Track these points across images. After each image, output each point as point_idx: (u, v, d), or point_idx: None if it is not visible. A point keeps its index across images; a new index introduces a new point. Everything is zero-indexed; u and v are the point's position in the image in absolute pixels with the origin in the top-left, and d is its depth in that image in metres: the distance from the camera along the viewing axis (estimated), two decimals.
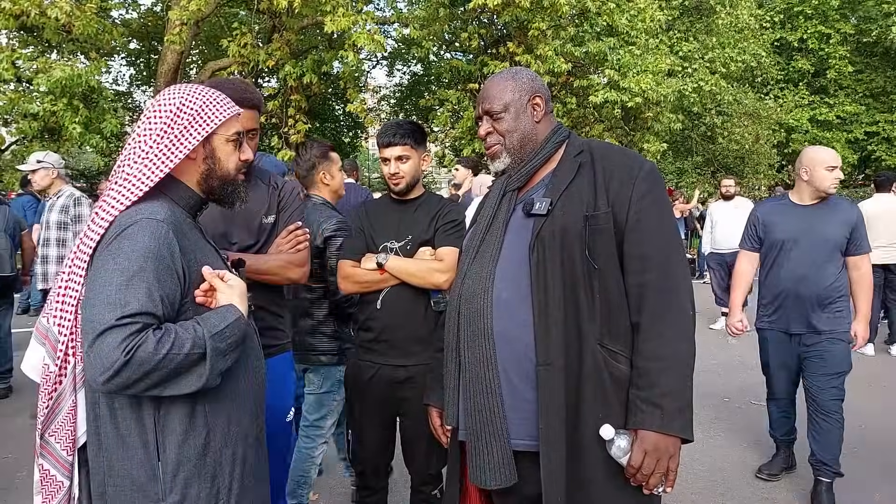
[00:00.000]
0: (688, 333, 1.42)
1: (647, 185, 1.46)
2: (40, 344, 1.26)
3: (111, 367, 1.09)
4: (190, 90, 1.35)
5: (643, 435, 1.37)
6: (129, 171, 1.28)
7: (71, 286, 1.23)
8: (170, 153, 1.30)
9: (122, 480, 1.22)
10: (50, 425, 1.24)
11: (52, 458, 1.25)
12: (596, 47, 10.75)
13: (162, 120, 1.31)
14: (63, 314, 1.22)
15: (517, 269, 1.48)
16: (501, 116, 1.58)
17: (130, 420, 1.22)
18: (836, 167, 2.98)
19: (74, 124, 8.50)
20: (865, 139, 18.38)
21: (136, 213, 1.23)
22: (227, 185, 1.42)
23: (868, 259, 3.02)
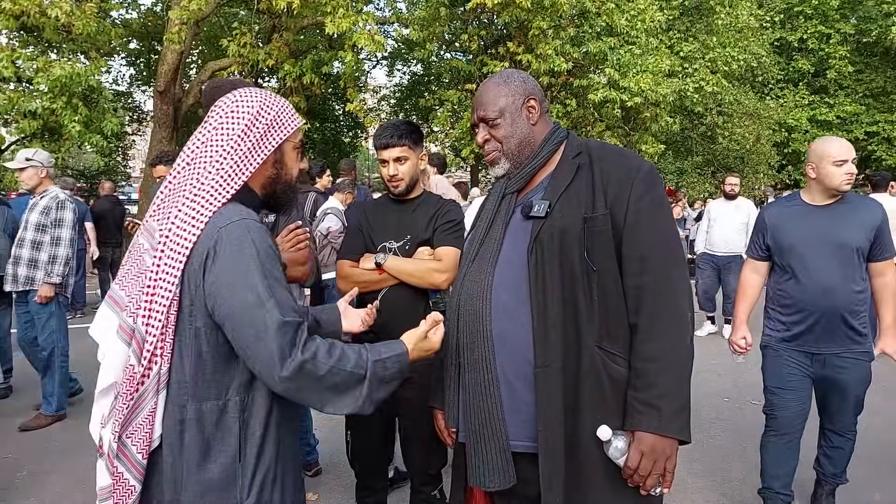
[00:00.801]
0: (686, 335, 1.42)
1: (645, 186, 1.45)
2: (125, 343, 1.22)
3: (294, 363, 1.16)
4: (267, 97, 1.36)
5: (640, 436, 1.37)
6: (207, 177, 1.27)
7: (161, 287, 1.20)
8: (250, 159, 1.31)
9: (201, 485, 1.22)
10: (128, 427, 1.21)
11: (127, 462, 1.22)
12: (596, 47, 10.76)
13: (239, 125, 1.31)
14: (153, 314, 1.20)
15: (516, 271, 1.49)
16: (497, 123, 1.57)
17: (218, 424, 1.23)
18: (845, 161, 2.58)
19: (74, 123, 8.50)
20: (865, 139, 18.38)
21: (231, 214, 1.24)
22: (290, 190, 1.43)
23: (893, 265, 2.63)
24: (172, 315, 1.20)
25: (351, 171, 6.18)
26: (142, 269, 1.24)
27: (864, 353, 2.65)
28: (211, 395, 1.23)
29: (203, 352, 1.22)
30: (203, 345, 1.22)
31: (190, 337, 1.22)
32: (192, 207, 1.24)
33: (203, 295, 1.20)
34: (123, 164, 20.87)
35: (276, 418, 1.29)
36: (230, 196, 1.27)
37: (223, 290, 1.18)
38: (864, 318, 2.62)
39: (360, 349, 1.28)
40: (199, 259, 1.21)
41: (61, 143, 9.59)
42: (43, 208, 4.16)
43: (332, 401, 1.23)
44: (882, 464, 3.56)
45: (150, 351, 1.20)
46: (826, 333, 2.62)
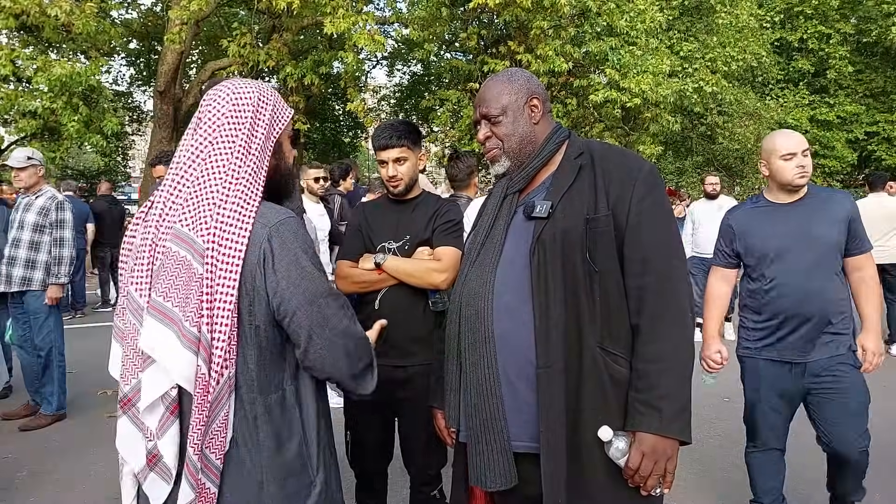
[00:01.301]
0: (687, 336, 1.42)
1: (646, 187, 1.46)
2: (192, 352, 1.20)
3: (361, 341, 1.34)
4: (261, 87, 1.36)
5: (641, 437, 1.37)
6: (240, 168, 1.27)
7: (222, 291, 1.19)
8: (266, 148, 1.32)
9: (281, 471, 1.27)
10: (205, 437, 1.21)
11: (210, 473, 1.22)
12: (596, 47, 10.76)
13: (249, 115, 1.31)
14: (218, 319, 1.19)
15: (518, 271, 1.48)
16: (499, 120, 1.57)
17: (282, 414, 1.28)
18: (794, 154, 2.40)
19: (73, 122, 8.50)
20: (865, 139, 18.38)
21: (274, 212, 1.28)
22: (290, 180, 1.45)
23: (871, 258, 2.47)
24: (234, 319, 1.21)
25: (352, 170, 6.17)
26: (190, 276, 1.20)
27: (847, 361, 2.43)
28: (272, 388, 1.27)
29: (263, 348, 1.25)
30: (263, 341, 1.25)
31: (252, 335, 1.24)
32: (232, 209, 1.23)
33: (265, 295, 1.23)
34: (123, 164, 20.87)
35: (321, 400, 1.38)
36: (262, 190, 1.28)
37: (288, 289, 1.23)
38: (846, 319, 2.44)
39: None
40: (255, 260, 1.22)
41: (61, 143, 9.59)
42: (40, 209, 4.11)
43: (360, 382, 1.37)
44: (882, 464, 3.56)
45: (223, 357, 1.19)
46: (807, 340, 2.42)
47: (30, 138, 10.91)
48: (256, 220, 1.24)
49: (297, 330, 1.25)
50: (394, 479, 2.46)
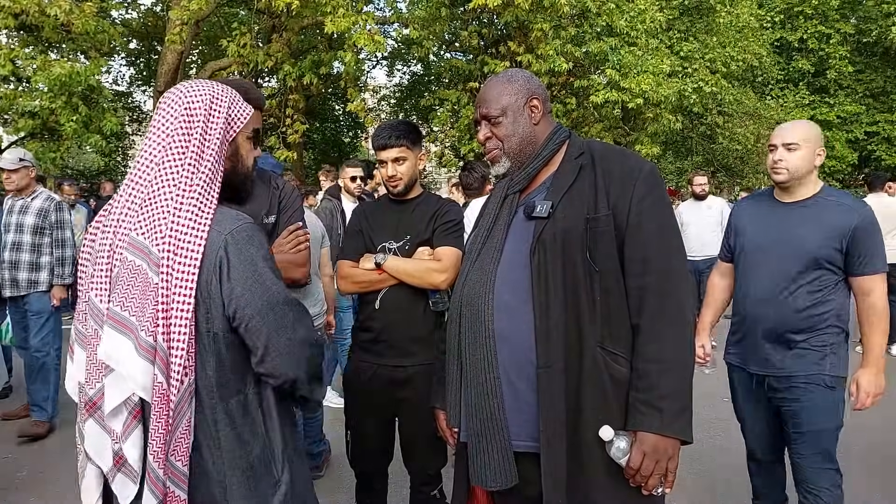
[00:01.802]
0: (687, 336, 1.42)
1: (647, 187, 1.46)
2: (148, 361, 1.20)
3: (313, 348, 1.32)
4: (214, 88, 1.33)
5: (642, 436, 1.37)
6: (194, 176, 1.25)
7: (179, 300, 1.19)
8: (220, 154, 1.31)
9: (245, 473, 1.27)
10: (169, 446, 1.21)
11: (176, 479, 1.22)
12: (596, 47, 10.76)
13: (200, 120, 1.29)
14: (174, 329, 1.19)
15: (518, 271, 1.49)
16: (499, 121, 1.58)
17: (244, 418, 1.28)
18: (775, 146, 2.24)
19: (71, 122, 8.49)
20: (865, 139, 18.38)
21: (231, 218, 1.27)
22: (246, 181, 1.43)
23: (881, 280, 2.15)
24: (192, 326, 1.21)
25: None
26: (146, 286, 1.20)
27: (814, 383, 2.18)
28: (233, 393, 1.27)
29: (222, 355, 1.25)
30: (222, 348, 1.25)
31: (210, 342, 1.24)
32: (187, 218, 1.22)
33: (221, 302, 1.22)
34: (123, 164, 20.85)
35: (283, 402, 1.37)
36: (217, 197, 1.27)
37: (245, 294, 1.23)
38: (822, 338, 2.18)
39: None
40: (211, 268, 1.21)
41: (60, 143, 9.59)
42: (38, 210, 4.08)
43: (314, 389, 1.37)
44: (882, 464, 3.56)
45: (182, 365, 1.20)
46: (765, 349, 2.26)
47: (29, 138, 10.91)
48: (212, 227, 1.23)
49: (253, 337, 1.24)
50: (394, 479, 2.46)
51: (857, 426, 4.09)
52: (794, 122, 2.34)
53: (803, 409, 2.20)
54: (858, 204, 2.22)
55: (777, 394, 2.27)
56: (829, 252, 2.15)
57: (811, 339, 2.19)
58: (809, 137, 2.24)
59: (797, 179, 2.23)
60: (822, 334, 2.19)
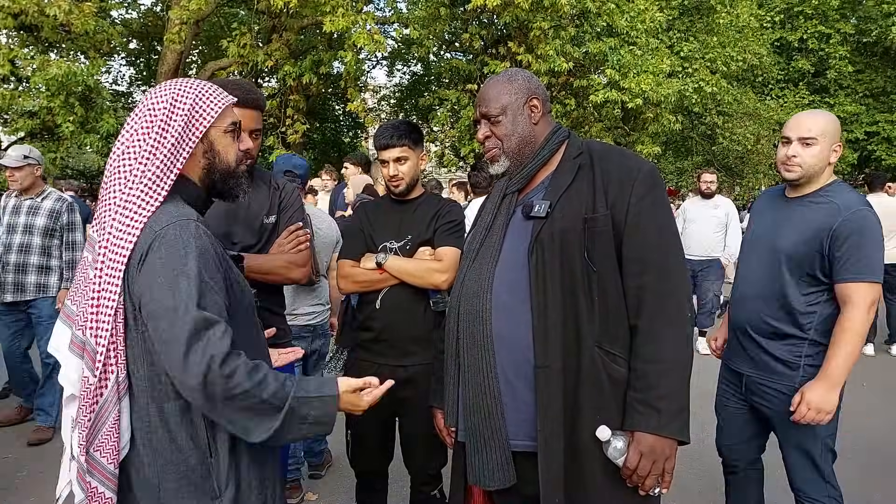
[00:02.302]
0: (685, 336, 1.42)
1: (645, 187, 1.46)
2: (77, 356, 1.23)
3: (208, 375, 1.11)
4: (180, 85, 1.30)
5: (639, 437, 1.38)
6: (138, 175, 1.24)
7: (105, 296, 1.19)
8: (177, 152, 1.27)
9: (178, 482, 1.22)
10: (94, 440, 1.21)
11: (99, 475, 1.22)
12: (596, 47, 10.76)
13: (158, 119, 1.26)
14: (100, 325, 1.19)
15: (516, 271, 1.49)
16: (499, 120, 1.58)
17: (182, 423, 1.23)
18: (789, 140, 2.05)
19: (68, 123, 8.49)
20: (865, 139, 18.39)
21: (166, 216, 1.21)
22: (229, 178, 1.38)
23: (864, 290, 1.91)
24: (120, 324, 1.19)
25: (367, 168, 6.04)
26: (87, 282, 1.23)
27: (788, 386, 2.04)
28: (171, 395, 1.22)
29: (151, 352, 1.21)
30: (152, 348, 1.20)
31: (139, 342, 1.21)
32: (125, 215, 1.21)
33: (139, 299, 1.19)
34: None
35: None
36: (164, 196, 1.24)
37: (146, 291, 1.17)
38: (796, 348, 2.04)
39: (285, 379, 1.22)
40: (135, 265, 1.19)
41: (60, 143, 9.59)
42: (50, 212, 3.90)
43: (241, 424, 1.18)
44: (881, 464, 3.56)
45: (102, 362, 1.19)
46: (742, 350, 2.17)
47: (29, 138, 10.91)
48: (148, 225, 1.20)
49: (154, 337, 1.16)
50: (394, 479, 2.46)
51: (858, 426, 4.10)
52: (813, 112, 2.11)
53: (778, 417, 2.09)
54: (853, 203, 1.98)
55: (753, 396, 2.17)
56: (807, 253, 1.99)
57: (786, 347, 2.05)
58: (828, 132, 2.02)
59: (807, 175, 2.04)
60: (799, 345, 2.03)
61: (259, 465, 1.31)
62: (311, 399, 1.24)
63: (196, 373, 1.11)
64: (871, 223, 1.95)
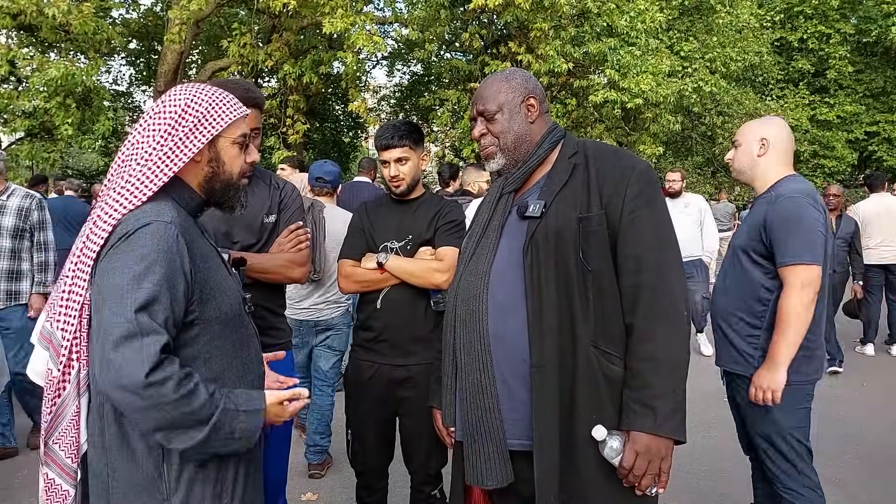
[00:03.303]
0: (681, 335, 1.42)
1: (640, 186, 1.46)
2: (44, 349, 1.23)
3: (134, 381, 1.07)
4: (196, 90, 1.31)
5: (635, 436, 1.37)
6: (132, 173, 1.24)
7: (74, 290, 1.20)
8: (174, 156, 1.26)
9: (126, 483, 1.20)
10: (54, 432, 1.21)
11: (56, 467, 1.22)
12: (596, 48, 10.76)
13: (166, 121, 1.26)
14: (67, 318, 1.19)
15: (512, 271, 1.49)
16: (495, 118, 1.58)
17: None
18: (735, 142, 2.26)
19: (66, 124, 8.49)
20: (866, 139, 18.39)
21: (142, 214, 1.20)
22: (229, 188, 1.38)
23: (796, 272, 2.00)
24: (85, 318, 1.19)
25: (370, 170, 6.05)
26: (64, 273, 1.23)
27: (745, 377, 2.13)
28: None
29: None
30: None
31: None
32: (105, 211, 1.21)
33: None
34: None
35: None
36: (147, 196, 1.23)
37: (99, 282, 1.16)
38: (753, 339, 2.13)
39: (215, 391, 1.18)
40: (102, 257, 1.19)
41: (58, 143, 9.59)
42: (18, 210, 3.55)
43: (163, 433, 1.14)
44: (882, 464, 3.57)
45: (66, 355, 1.18)
46: (717, 344, 2.28)
47: (28, 138, 10.92)
48: (124, 219, 1.20)
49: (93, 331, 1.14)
50: (394, 479, 2.46)
51: (859, 427, 4.10)
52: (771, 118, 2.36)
53: (743, 405, 2.18)
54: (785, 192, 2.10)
55: (728, 388, 2.30)
56: (752, 242, 2.12)
57: (746, 337, 2.14)
58: (747, 131, 2.26)
59: (743, 174, 2.27)
60: (756, 335, 2.12)
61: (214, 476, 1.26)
62: (242, 412, 1.20)
63: (113, 377, 1.07)
64: (799, 207, 2.05)
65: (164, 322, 1.14)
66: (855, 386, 5.04)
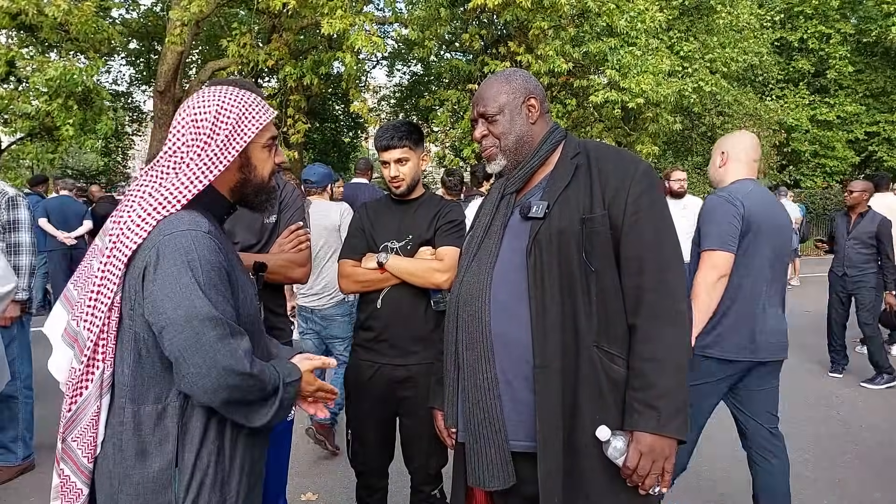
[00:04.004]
0: (684, 335, 1.42)
1: (642, 186, 1.46)
2: (69, 346, 1.23)
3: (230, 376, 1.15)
4: (227, 95, 1.30)
5: (639, 436, 1.37)
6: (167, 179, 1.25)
7: (104, 291, 1.20)
8: (211, 164, 1.27)
9: (137, 488, 1.21)
10: (73, 430, 1.22)
11: (72, 464, 1.23)
12: (596, 47, 10.77)
13: (201, 129, 1.27)
14: (93, 318, 1.19)
15: (515, 271, 1.49)
16: (496, 119, 1.58)
17: (154, 428, 1.22)
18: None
19: (68, 125, 8.49)
20: (866, 139, 18.40)
21: (178, 222, 1.21)
22: (262, 192, 1.39)
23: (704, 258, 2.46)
24: (114, 320, 1.20)
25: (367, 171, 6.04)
26: (91, 272, 1.23)
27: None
28: (150, 399, 1.22)
29: (142, 356, 1.22)
30: (142, 349, 1.21)
31: (130, 340, 1.21)
32: (139, 215, 1.22)
33: (142, 303, 1.19)
34: (123, 164, 20.84)
35: (216, 424, 1.27)
36: (183, 204, 1.24)
37: (163, 302, 1.16)
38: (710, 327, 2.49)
39: (271, 367, 1.27)
40: (140, 266, 1.20)
41: (58, 144, 9.59)
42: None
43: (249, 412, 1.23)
44: (882, 464, 3.57)
45: (89, 355, 1.19)
46: None
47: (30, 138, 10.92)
48: (158, 226, 1.21)
49: (168, 348, 1.17)
50: (394, 479, 2.46)
51: (859, 427, 4.10)
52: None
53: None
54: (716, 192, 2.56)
55: None
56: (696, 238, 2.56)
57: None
58: (715, 146, 2.71)
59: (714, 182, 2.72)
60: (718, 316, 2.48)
61: (220, 485, 1.29)
62: (291, 383, 1.30)
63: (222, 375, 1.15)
64: (715, 202, 2.49)
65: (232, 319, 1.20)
66: (855, 386, 5.04)
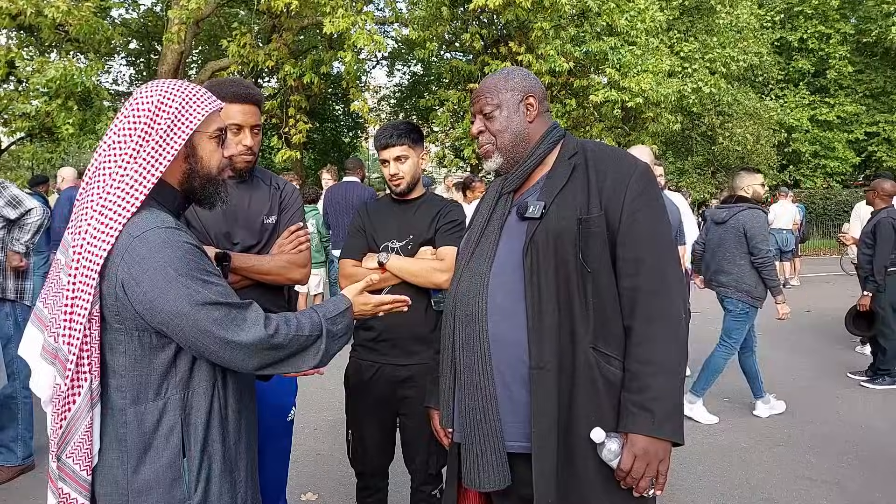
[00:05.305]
0: (680, 337, 1.42)
1: (639, 188, 1.45)
2: (49, 363, 1.22)
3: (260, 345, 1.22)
4: (166, 87, 1.28)
5: (633, 438, 1.37)
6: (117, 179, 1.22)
7: (79, 303, 1.18)
8: (158, 156, 1.24)
9: (147, 484, 1.21)
10: (66, 447, 1.20)
11: (71, 481, 1.21)
12: (596, 47, 10.77)
13: (142, 121, 1.24)
14: (72, 332, 1.18)
15: (511, 272, 1.48)
16: (493, 115, 1.57)
17: (159, 424, 1.23)
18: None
19: (67, 125, 8.49)
20: (866, 139, 18.40)
21: (144, 223, 1.20)
22: (209, 184, 1.36)
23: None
24: (95, 331, 1.19)
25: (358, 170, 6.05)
26: (60, 287, 1.21)
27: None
28: (149, 397, 1.22)
29: (137, 357, 1.21)
30: (137, 350, 1.21)
31: (121, 345, 1.21)
32: (101, 221, 1.19)
33: (131, 307, 1.18)
34: None
35: (219, 413, 1.29)
36: (141, 201, 1.22)
37: (157, 301, 1.16)
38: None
39: (310, 312, 1.36)
40: (116, 273, 1.18)
41: (58, 144, 9.58)
42: None
43: (296, 362, 1.31)
44: (883, 464, 3.57)
45: (74, 369, 1.17)
46: None
47: (29, 139, 10.92)
48: (124, 232, 1.19)
49: (180, 341, 1.19)
50: (394, 479, 2.46)
51: (859, 427, 4.10)
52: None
53: None
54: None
55: None
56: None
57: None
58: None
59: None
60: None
61: (230, 469, 1.31)
62: (335, 316, 1.39)
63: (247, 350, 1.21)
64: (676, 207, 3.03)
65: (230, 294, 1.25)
66: (855, 386, 5.05)
